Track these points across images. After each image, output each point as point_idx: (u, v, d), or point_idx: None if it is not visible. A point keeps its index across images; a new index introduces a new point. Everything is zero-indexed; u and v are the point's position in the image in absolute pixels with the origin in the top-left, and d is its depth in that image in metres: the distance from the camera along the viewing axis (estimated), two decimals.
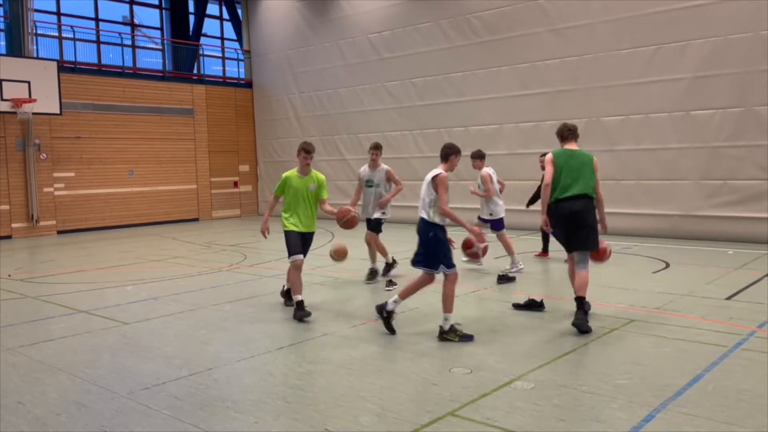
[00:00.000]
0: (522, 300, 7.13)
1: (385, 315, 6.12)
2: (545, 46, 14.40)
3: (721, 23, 12.03)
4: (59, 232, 17.47)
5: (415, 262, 6.07)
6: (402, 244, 12.61)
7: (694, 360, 5.16)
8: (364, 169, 9.15)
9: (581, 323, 5.93)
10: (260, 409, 4.36)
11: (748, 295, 7.48)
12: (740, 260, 9.93)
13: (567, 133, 6.46)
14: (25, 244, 15.48)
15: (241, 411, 4.33)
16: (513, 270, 9.01)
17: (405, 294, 6.13)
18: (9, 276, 10.38)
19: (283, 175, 7.29)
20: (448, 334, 5.86)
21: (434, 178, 5.97)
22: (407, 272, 9.34)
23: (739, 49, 11.86)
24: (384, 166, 9.03)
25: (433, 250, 5.92)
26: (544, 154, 10.15)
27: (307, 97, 20.13)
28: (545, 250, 10.71)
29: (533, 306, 6.96)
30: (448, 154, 6.14)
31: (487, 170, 9.29)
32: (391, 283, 8.50)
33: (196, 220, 20.57)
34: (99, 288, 9.17)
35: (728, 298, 7.36)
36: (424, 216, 5.98)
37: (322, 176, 7.37)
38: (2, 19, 17.53)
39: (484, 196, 9.27)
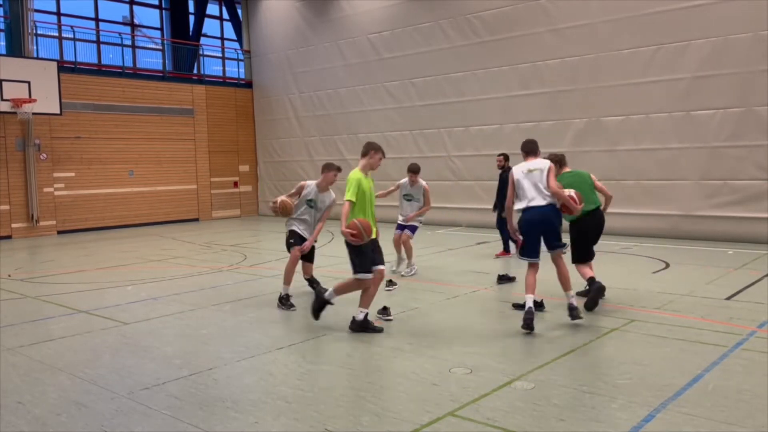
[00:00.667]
0: (522, 300, 7.12)
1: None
2: (545, 46, 14.40)
3: (721, 23, 12.03)
4: (59, 232, 17.47)
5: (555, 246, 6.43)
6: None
7: (694, 360, 5.16)
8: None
9: (595, 296, 6.63)
10: (260, 409, 4.36)
11: (748, 295, 7.48)
12: (740, 260, 9.93)
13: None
14: (25, 244, 15.49)
15: (241, 411, 4.33)
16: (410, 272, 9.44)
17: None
18: (9, 276, 10.38)
19: (354, 177, 6.32)
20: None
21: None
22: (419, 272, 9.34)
23: (739, 49, 11.86)
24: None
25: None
26: (501, 154, 10.41)
27: (307, 97, 20.13)
28: (506, 250, 10.95)
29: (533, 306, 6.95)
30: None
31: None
32: (391, 283, 8.49)
33: (196, 220, 20.57)
34: (99, 288, 9.18)
35: (728, 298, 7.36)
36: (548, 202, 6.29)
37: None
38: (2, 19, 17.53)
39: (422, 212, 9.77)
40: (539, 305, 6.93)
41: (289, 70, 20.63)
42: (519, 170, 6.51)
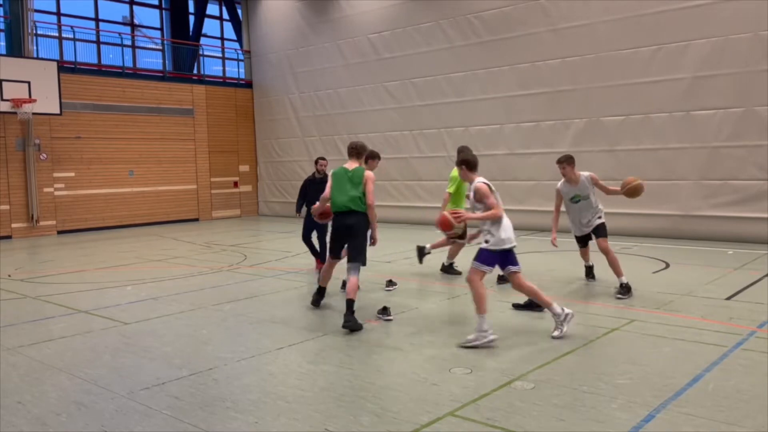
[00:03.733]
0: (522, 300, 7.13)
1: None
2: (545, 46, 14.40)
3: (721, 23, 12.03)
4: (59, 232, 17.47)
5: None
6: (400, 243, 12.64)
7: (694, 360, 5.16)
8: (563, 184, 7.99)
9: (351, 324, 6.28)
10: (260, 409, 4.36)
11: (748, 295, 7.48)
12: (740, 260, 9.93)
13: (349, 152, 7.08)
14: (25, 244, 15.49)
15: (241, 411, 4.33)
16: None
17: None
18: (9, 276, 10.38)
19: (456, 174, 6.54)
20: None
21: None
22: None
23: (739, 49, 11.85)
24: (585, 174, 7.81)
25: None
26: (320, 158, 9.97)
27: (307, 97, 20.13)
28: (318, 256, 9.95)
29: (533, 306, 6.96)
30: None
31: None
32: (391, 283, 8.49)
33: (196, 220, 20.57)
34: (99, 288, 9.18)
35: (728, 298, 7.36)
36: None
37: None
38: (2, 19, 17.52)
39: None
40: (539, 305, 6.93)
41: (289, 70, 20.63)
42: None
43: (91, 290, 9.04)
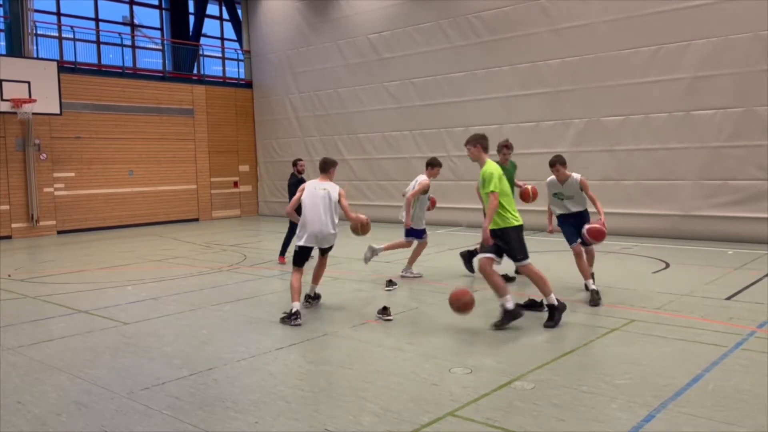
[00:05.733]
0: (522, 300, 7.13)
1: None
2: (545, 46, 14.40)
3: (721, 23, 12.03)
4: (59, 232, 17.47)
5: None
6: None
7: (694, 360, 5.16)
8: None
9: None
10: (260, 409, 4.36)
11: (748, 295, 7.48)
12: (740, 260, 9.93)
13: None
14: (25, 244, 15.49)
15: (241, 411, 4.33)
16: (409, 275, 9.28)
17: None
18: (9, 276, 10.38)
19: (494, 170, 6.30)
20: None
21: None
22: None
23: (739, 49, 11.86)
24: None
25: None
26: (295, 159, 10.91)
27: (307, 97, 20.13)
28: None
29: (533, 306, 6.96)
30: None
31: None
32: (391, 283, 8.49)
33: (196, 220, 20.57)
34: (99, 288, 9.18)
35: (728, 298, 7.36)
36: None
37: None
38: (2, 19, 17.52)
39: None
40: (539, 305, 6.94)
41: (289, 70, 20.63)
42: None
43: (91, 290, 9.04)
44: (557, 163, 7.75)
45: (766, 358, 5.16)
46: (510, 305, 6.27)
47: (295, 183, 10.28)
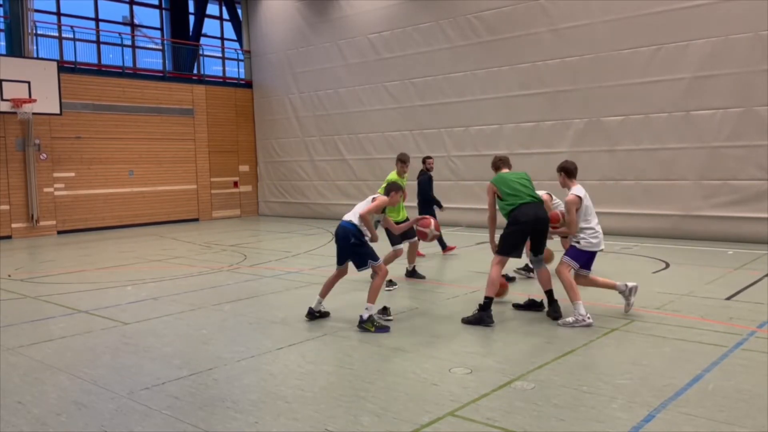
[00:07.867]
0: (522, 300, 7.13)
1: (317, 315, 6.79)
2: (545, 46, 14.40)
3: (721, 23, 12.03)
4: (59, 233, 17.47)
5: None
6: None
7: (694, 360, 5.16)
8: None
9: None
10: (260, 409, 4.36)
11: (748, 295, 7.48)
12: (740, 260, 9.93)
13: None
14: (25, 244, 15.49)
15: (241, 411, 4.33)
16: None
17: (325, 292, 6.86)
18: (9, 276, 10.38)
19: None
20: (366, 323, 6.29)
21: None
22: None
23: (739, 49, 11.86)
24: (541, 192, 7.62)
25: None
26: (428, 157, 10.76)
27: (307, 97, 20.13)
28: None
29: (533, 306, 6.97)
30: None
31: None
32: (391, 283, 8.49)
33: (196, 220, 20.57)
34: (99, 288, 9.18)
35: (728, 298, 7.36)
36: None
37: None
38: (2, 19, 17.52)
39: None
40: (539, 305, 6.94)
41: (289, 70, 20.63)
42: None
43: (91, 290, 9.04)
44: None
45: (766, 358, 5.16)
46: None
47: (428, 180, 11.07)
